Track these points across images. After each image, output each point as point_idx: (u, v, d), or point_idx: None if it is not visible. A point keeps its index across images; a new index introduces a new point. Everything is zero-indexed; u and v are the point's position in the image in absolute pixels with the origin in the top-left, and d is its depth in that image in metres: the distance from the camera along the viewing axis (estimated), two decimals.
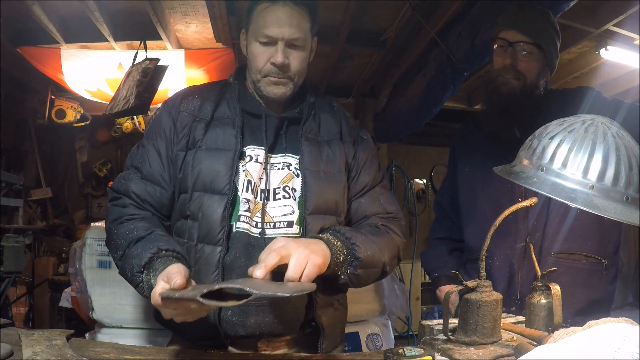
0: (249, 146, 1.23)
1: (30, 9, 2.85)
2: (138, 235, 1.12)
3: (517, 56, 1.54)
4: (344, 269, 1.13)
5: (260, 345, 1.21)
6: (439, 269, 1.78)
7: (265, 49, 1.21)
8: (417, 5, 2.80)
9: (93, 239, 2.08)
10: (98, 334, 2.04)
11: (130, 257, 1.09)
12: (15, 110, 4.56)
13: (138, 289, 1.08)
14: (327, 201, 1.23)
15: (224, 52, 3.46)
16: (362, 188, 1.33)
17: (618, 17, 2.84)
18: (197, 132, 1.23)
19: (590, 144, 0.94)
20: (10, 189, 4.02)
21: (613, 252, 1.55)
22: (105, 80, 3.68)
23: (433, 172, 5.82)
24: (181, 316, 0.95)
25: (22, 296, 4.05)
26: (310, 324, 1.25)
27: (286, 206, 1.21)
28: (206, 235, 1.17)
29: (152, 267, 1.04)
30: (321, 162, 1.26)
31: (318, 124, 1.31)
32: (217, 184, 1.18)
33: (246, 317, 1.16)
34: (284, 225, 1.20)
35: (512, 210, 1.07)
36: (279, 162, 1.25)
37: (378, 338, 2.34)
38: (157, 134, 1.26)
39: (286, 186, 1.23)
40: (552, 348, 0.75)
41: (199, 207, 1.18)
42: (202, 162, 1.19)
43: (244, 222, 1.18)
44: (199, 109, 1.26)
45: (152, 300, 0.96)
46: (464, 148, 1.77)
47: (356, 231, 1.20)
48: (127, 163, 1.28)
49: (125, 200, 1.23)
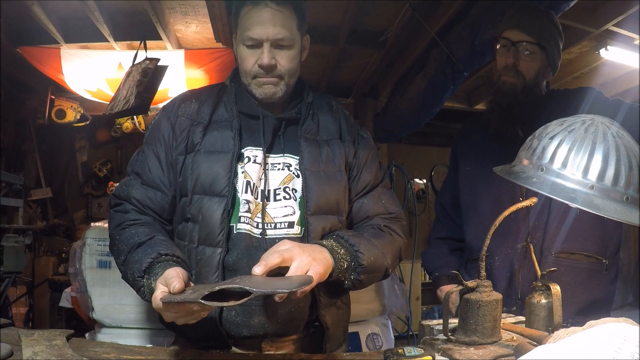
0: (247, 147, 1.23)
1: (30, 9, 2.85)
2: (139, 241, 1.13)
3: (519, 56, 1.54)
4: (348, 275, 1.13)
5: (264, 346, 1.21)
6: (439, 268, 1.78)
7: (252, 51, 1.21)
8: (417, 5, 2.80)
9: (93, 239, 2.08)
10: (98, 334, 2.04)
11: (131, 262, 1.10)
12: (15, 110, 4.57)
13: (140, 293, 1.09)
14: (328, 201, 1.23)
15: (224, 52, 3.46)
16: (364, 187, 1.33)
17: (618, 17, 2.84)
18: (196, 136, 1.23)
19: (590, 144, 0.94)
20: (10, 189, 4.02)
21: (614, 252, 1.55)
22: (105, 80, 3.67)
23: (433, 172, 5.81)
24: (183, 319, 0.96)
25: (22, 296, 4.06)
26: (314, 324, 1.26)
27: (287, 207, 1.21)
28: (206, 237, 1.17)
29: (152, 272, 1.05)
30: (321, 162, 1.26)
31: (317, 123, 1.31)
32: (216, 186, 1.18)
33: (250, 317, 1.17)
34: (285, 225, 1.21)
35: (512, 210, 1.07)
36: (279, 163, 1.25)
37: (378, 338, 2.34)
38: (157, 139, 1.27)
39: (286, 187, 1.23)
40: (552, 348, 0.75)
41: (199, 209, 1.18)
42: (201, 165, 1.20)
43: (245, 223, 1.18)
44: (197, 113, 1.27)
45: (154, 305, 0.96)
46: (465, 148, 1.77)
47: (359, 236, 1.19)
48: (128, 169, 1.30)
49: (126, 206, 1.24)
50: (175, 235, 1.25)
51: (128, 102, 3.26)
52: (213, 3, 2.74)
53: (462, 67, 2.90)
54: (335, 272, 1.09)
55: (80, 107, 4.37)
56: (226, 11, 2.81)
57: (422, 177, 5.83)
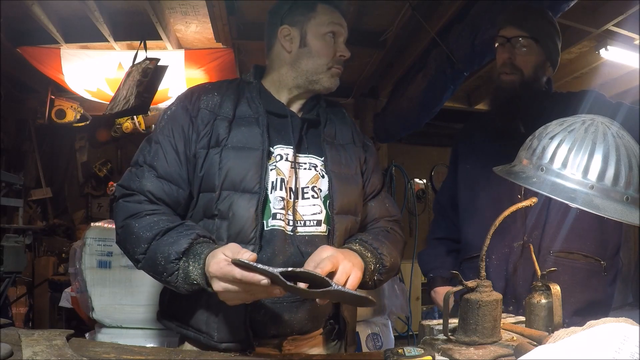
0: (277, 145, 1.24)
1: (30, 9, 2.85)
2: (166, 227, 1.11)
3: (515, 51, 1.57)
4: (372, 276, 1.21)
5: (285, 345, 1.22)
6: (435, 269, 1.79)
7: (329, 43, 1.29)
8: (417, 5, 2.80)
9: (93, 239, 2.08)
10: (98, 334, 2.04)
11: (162, 246, 1.08)
12: (15, 110, 4.57)
13: (171, 279, 1.07)
14: (350, 202, 1.28)
15: (224, 52, 3.46)
16: (372, 192, 1.40)
17: (618, 17, 2.84)
18: (221, 130, 1.21)
19: (591, 144, 0.94)
20: (10, 189, 4.02)
21: (613, 254, 1.55)
22: (105, 80, 3.67)
23: (433, 172, 5.81)
24: (240, 293, 0.96)
25: (22, 296, 4.06)
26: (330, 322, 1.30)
27: (315, 205, 1.24)
28: (238, 234, 1.16)
29: (192, 253, 1.04)
30: (342, 165, 1.30)
31: (334, 128, 1.36)
32: (248, 183, 1.17)
33: (278, 315, 1.17)
34: (314, 223, 1.23)
35: (513, 210, 1.07)
36: (306, 163, 1.27)
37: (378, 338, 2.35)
38: (175, 130, 1.22)
39: (314, 186, 1.25)
40: (552, 348, 0.75)
41: (228, 206, 1.16)
42: (230, 161, 1.18)
43: (280, 220, 1.19)
44: (220, 107, 1.24)
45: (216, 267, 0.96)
46: (466, 148, 1.77)
47: (378, 240, 1.27)
48: (139, 159, 1.23)
49: (139, 197, 1.18)
50: None
51: (128, 102, 3.26)
52: (213, 3, 2.74)
53: (462, 67, 2.90)
54: (366, 274, 1.16)
55: (80, 107, 4.37)
56: (226, 11, 2.81)
57: (422, 177, 5.84)
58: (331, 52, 1.29)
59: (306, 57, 1.29)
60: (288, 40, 1.30)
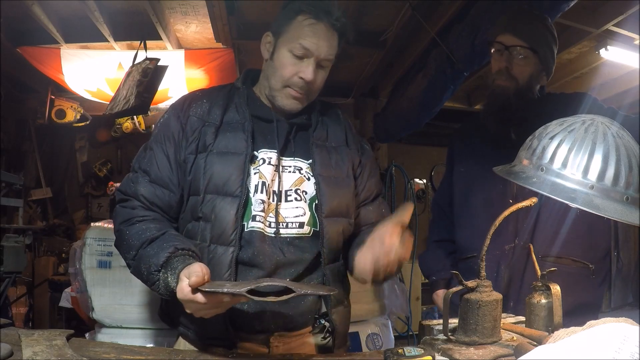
0: (261, 149, 1.26)
1: (30, 9, 2.85)
2: (151, 236, 1.15)
3: (512, 60, 1.56)
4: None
5: (272, 341, 1.22)
6: (436, 272, 1.80)
7: (296, 61, 1.23)
8: (417, 5, 2.80)
9: (93, 239, 2.08)
10: (98, 334, 2.04)
11: (145, 257, 1.12)
12: (15, 110, 4.57)
13: (154, 287, 1.11)
14: (340, 204, 1.29)
15: (224, 52, 3.46)
16: (369, 196, 1.40)
17: (618, 17, 2.83)
18: (208, 137, 1.24)
19: (590, 144, 0.94)
20: (10, 189, 4.02)
21: (601, 257, 1.56)
22: (105, 80, 3.68)
23: (433, 172, 5.81)
24: (209, 309, 1.00)
25: (22, 296, 4.06)
26: (320, 322, 1.29)
27: (298, 208, 1.25)
28: (219, 236, 1.19)
29: (170, 266, 1.07)
30: (331, 167, 1.30)
31: (326, 130, 1.36)
32: (230, 187, 1.20)
33: (262, 310, 1.19)
34: (296, 225, 1.24)
35: (513, 210, 1.07)
36: (290, 166, 1.28)
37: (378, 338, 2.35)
38: (166, 137, 1.27)
39: (297, 189, 1.26)
40: (552, 348, 0.75)
41: (211, 209, 1.20)
42: (214, 166, 1.21)
43: (259, 222, 1.21)
44: (208, 114, 1.28)
45: (180, 295, 1.00)
46: (461, 148, 1.78)
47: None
48: (135, 165, 1.30)
49: (134, 202, 1.25)
50: (183, 234, 1.26)
51: (128, 102, 3.26)
52: (213, 3, 2.74)
53: (462, 67, 2.89)
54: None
55: (80, 107, 4.37)
56: (226, 11, 2.81)
57: (422, 177, 5.83)
58: (290, 71, 1.23)
59: (270, 70, 1.28)
60: (266, 48, 1.30)
